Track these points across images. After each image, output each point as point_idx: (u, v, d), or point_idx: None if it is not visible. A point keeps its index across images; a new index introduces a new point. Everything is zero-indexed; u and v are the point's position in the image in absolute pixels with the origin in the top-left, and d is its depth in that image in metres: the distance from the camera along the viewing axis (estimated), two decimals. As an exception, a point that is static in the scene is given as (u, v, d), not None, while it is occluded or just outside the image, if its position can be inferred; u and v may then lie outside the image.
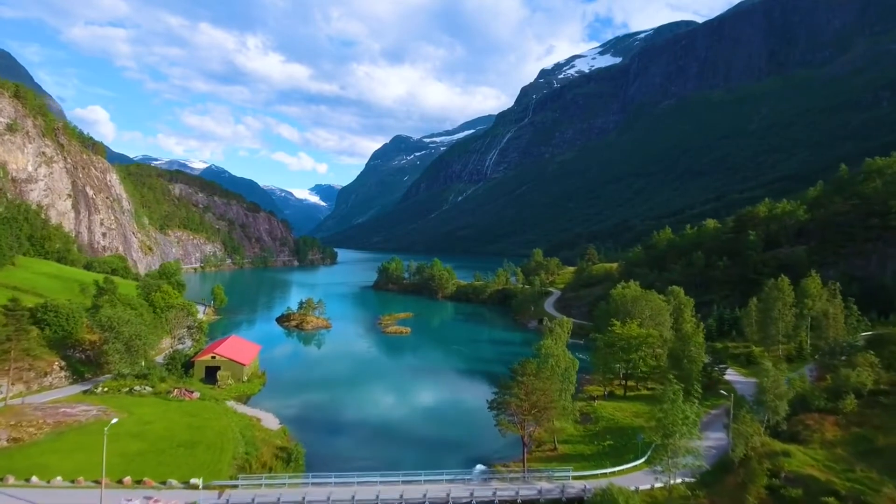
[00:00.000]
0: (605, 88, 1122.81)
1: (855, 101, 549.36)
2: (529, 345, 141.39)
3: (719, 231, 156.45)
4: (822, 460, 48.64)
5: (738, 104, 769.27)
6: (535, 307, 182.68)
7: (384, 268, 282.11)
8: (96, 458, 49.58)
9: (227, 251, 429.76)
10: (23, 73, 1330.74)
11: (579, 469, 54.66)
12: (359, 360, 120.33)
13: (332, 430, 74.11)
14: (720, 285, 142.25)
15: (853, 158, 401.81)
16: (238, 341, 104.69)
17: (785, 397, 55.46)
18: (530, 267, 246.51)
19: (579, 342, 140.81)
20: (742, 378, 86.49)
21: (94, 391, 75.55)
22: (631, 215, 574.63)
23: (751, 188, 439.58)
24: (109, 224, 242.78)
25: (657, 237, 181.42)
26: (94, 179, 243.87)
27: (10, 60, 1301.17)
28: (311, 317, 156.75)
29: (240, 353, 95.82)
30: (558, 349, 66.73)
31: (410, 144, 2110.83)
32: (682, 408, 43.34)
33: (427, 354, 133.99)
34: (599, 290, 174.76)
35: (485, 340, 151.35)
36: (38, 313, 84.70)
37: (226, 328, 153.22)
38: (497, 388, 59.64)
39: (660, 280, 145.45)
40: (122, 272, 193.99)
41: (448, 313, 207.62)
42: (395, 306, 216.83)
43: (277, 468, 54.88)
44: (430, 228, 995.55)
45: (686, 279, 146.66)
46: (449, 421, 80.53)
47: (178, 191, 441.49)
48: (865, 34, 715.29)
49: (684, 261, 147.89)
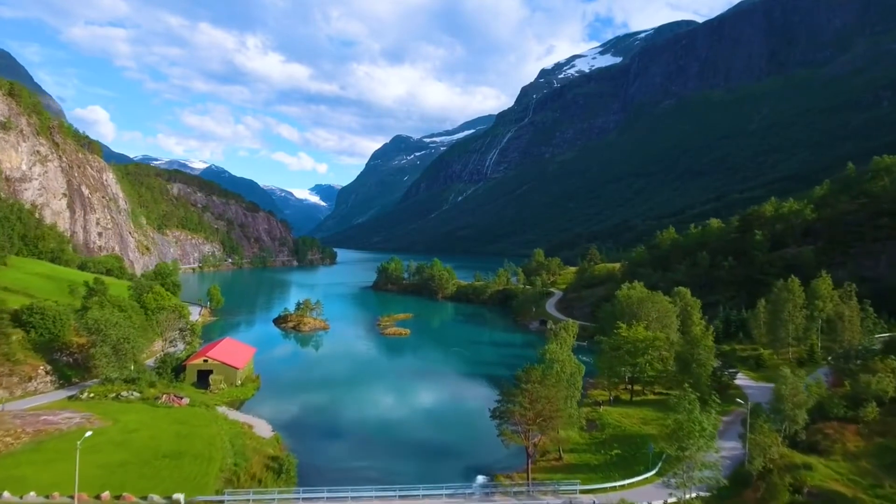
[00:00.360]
0: (606, 88, 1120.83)
1: (855, 101, 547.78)
2: (531, 346, 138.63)
3: (724, 231, 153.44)
4: (846, 474, 45.73)
5: (738, 104, 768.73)
6: (536, 308, 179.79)
7: (383, 268, 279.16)
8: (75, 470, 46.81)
9: (225, 251, 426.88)
10: (22, 72, 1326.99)
11: (587, 482, 51.68)
12: (356, 363, 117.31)
13: (328, 437, 71.17)
14: (726, 286, 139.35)
15: (854, 158, 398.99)
16: (232, 344, 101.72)
17: (804, 406, 52.49)
18: (531, 267, 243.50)
19: (582, 344, 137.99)
20: (753, 383, 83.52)
21: (80, 397, 72.61)
22: (631, 215, 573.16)
23: (751, 188, 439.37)
24: (105, 224, 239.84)
25: (660, 237, 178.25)
26: (90, 178, 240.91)
27: (10, 60, 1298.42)
28: (309, 318, 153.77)
29: (233, 356, 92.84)
30: (563, 354, 63.77)
31: (410, 144, 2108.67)
32: (699, 419, 40.35)
33: (426, 356, 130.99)
34: (602, 290, 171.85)
35: (485, 342, 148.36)
36: (23, 315, 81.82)
37: (222, 329, 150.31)
38: (500, 395, 56.63)
39: (664, 280, 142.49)
40: (117, 272, 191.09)
41: (448, 314, 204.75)
42: (394, 307, 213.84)
43: (268, 480, 51.92)
44: (430, 228, 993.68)
45: (691, 280, 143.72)
46: (449, 427, 77.59)
47: (177, 190, 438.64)
48: (866, 34, 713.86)
49: (689, 261, 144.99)
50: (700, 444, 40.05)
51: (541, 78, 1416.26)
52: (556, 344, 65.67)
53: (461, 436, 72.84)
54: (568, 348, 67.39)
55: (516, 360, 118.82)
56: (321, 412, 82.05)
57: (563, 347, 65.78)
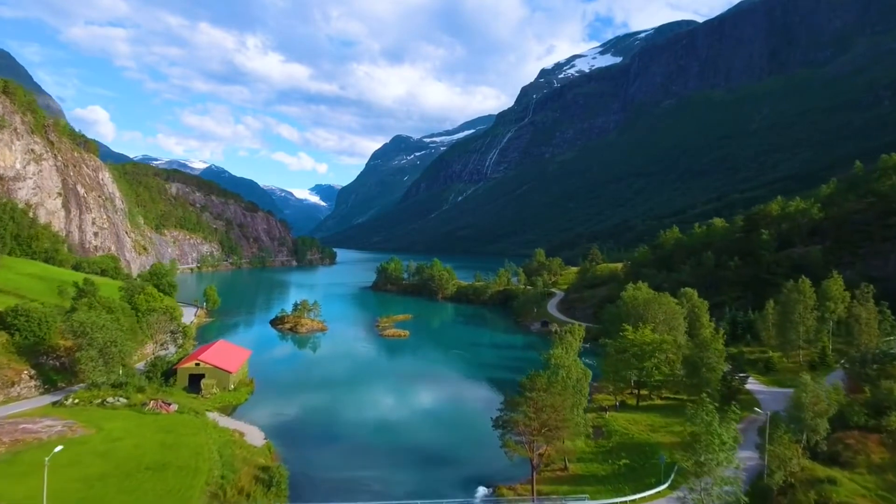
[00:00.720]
0: (606, 88, 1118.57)
1: (856, 100, 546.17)
2: (532, 348, 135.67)
3: (729, 230, 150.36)
4: (873, 489, 42.82)
5: (738, 104, 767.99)
6: (537, 309, 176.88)
7: (383, 268, 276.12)
8: (53, 483, 43.86)
9: (224, 251, 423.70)
10: (22, 72, 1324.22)
11: (595, 495, 48.75)
12: (354, 365, 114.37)
13: (323, 445, 68.21)
14: (731, 286, 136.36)
15: (856, 158, 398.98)
16: (225, 346, 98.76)
17: (826, 415, 49.54)
18: (532, 267, 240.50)
19: (585, 346, 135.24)
20: (764, 388, 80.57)
21: (64, 403, 69.63)
22: (632, 215, 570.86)
23: (752, 188, 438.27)
24: (101, 223, 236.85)
25: (664, 236, 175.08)
26: (86, 178, 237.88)
27: (10, 60, 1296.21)
28: (306, 319, 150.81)
29: (226, 359, 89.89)
30: (569, 359, 60.79)
31: (410, 144, 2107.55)
32: (718, 432, 37.40)
33: (426, 358, 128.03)
34: (604, 291, 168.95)
35: (486, 344, 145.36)
36: (7, 317, 78.89)
37: (218, 331, 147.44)
38: (502, 404, 53.68)
39: (668, 281, 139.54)
40: (112, 273, 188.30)
41: (448, 315, 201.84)
42: (393, 308, 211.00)
43: (257, 494, 48.96)
44: (430, 228, 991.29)
45: (695, 280, 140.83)
46: (449, 433, 74.68)
47: (175, 190, 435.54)
48: (866, 34, 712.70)
49: (693, 261, 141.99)
50: (720, 459, 37.10)
51: (541, 78, 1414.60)
52: (561, 349, 62.65)
53: (462, 442, 69.95)
54: (574, 353, 64.43)
55: (518, 362, 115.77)
56: (316, 418, 79.11)
57: (569, 352, 62.81)
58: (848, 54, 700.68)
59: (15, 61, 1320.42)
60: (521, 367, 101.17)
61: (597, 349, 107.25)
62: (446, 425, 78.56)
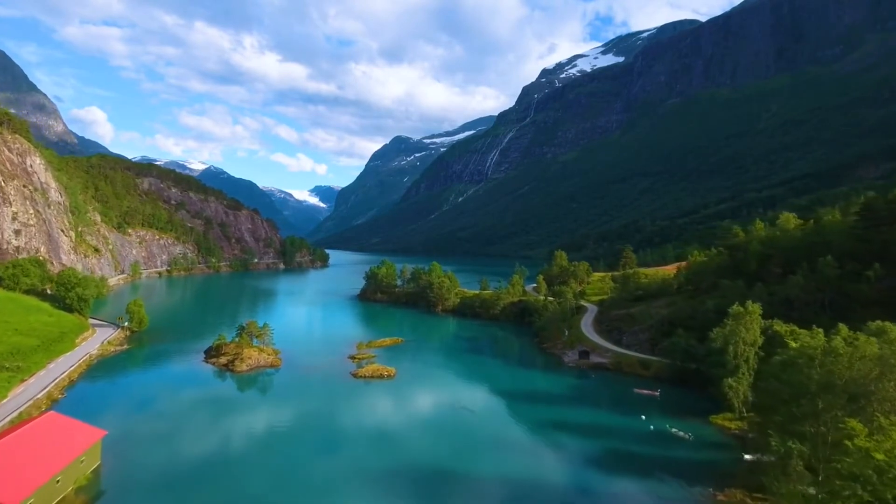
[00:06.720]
0: (608, 87, 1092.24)
1: (869, 98, 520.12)
2: (580, 402, 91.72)
3: (850, 226, 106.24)
4: None
5: (746, 102, 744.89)
6: (569, 330, 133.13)
7: (372, 273, 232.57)
8: None
9: (201, 253, 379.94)
10: (18, 72, 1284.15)
11: None
12: (295, 446, 70.74)
13: None
14: (868, 306, 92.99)
15: (872, 156, 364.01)
16: (43, 432, 54.10)
17: None
18: (553, 273, 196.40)
19: (654, 395, 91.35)
20: None
21: None
22: (638, 215, 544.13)
23: (768, 186, 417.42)
24: (26, 219, 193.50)
25: (742, 234, 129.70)
26: (6, 163, 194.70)
27: (6, 60, 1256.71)
28: (250, 349, 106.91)
29: (15, 470, 46.14)
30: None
31: (410, 145, 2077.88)
32: None
33: (416, 426, 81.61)
34: (662, 308, 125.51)
35: (505, 391, 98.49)
36: None
37: (125, 365, 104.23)
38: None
39: (761, 296, 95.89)
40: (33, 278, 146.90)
41: (449, 334, 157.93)
42: (381, 325, 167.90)
43: None
44: (430, 229, 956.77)
45: (807, 296, 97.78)
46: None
47: (148, 185, 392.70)
48: (877, 30, 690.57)
49: (805, 268, 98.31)
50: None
51: (542, 77, 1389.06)
52: None
53: None
54: None
55: (562, 431, 72.85)
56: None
57: None
58: (858, 51, 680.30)
59: (11, 61, 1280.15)
60: (572, 447, 58.44)
61: (750, 444, 64.02)
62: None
